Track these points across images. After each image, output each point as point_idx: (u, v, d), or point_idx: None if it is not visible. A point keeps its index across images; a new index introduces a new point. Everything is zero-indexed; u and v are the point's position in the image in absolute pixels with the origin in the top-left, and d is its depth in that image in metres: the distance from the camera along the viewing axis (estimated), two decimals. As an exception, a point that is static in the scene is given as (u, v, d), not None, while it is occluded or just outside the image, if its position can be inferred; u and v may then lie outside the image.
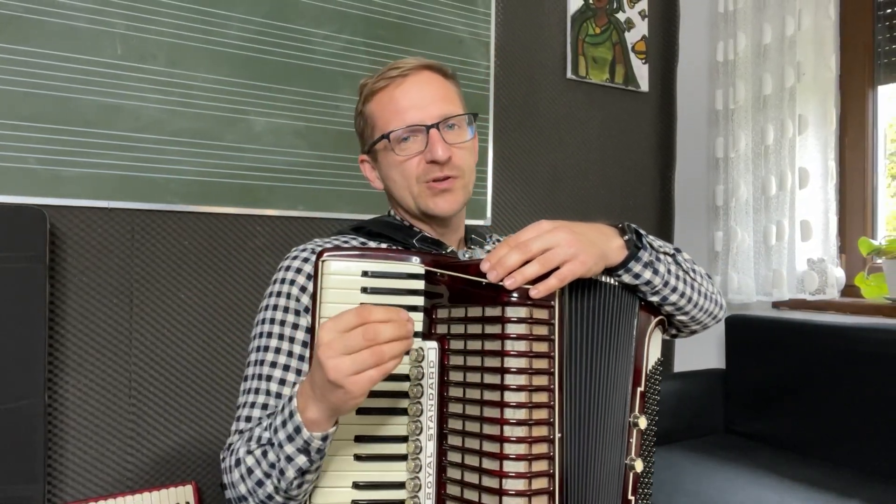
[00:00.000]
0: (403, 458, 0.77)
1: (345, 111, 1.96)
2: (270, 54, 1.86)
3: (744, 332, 2.18)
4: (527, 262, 0.73)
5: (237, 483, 0.80)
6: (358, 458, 0.76)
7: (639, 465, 0.87)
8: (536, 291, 0.72)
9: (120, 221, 1.70)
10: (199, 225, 1.80)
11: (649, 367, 0.91)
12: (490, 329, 0.73)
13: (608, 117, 2.55)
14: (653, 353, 0.92)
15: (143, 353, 1.73)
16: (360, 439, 0.76)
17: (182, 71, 1.75)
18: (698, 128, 2.60)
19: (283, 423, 0.74)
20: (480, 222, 2.22)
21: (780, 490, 1.65)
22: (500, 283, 0.72)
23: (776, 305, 2.28)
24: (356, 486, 0.76)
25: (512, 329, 0.71)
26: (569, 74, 2.44)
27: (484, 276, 0.74)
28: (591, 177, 2.52)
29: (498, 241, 1.13)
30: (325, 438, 0.73)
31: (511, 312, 0.72)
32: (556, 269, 0.74)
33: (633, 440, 0.87)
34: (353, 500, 0.76)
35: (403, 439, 0.77)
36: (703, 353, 2.50)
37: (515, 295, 0.72)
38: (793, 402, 2.01)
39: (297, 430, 0.72)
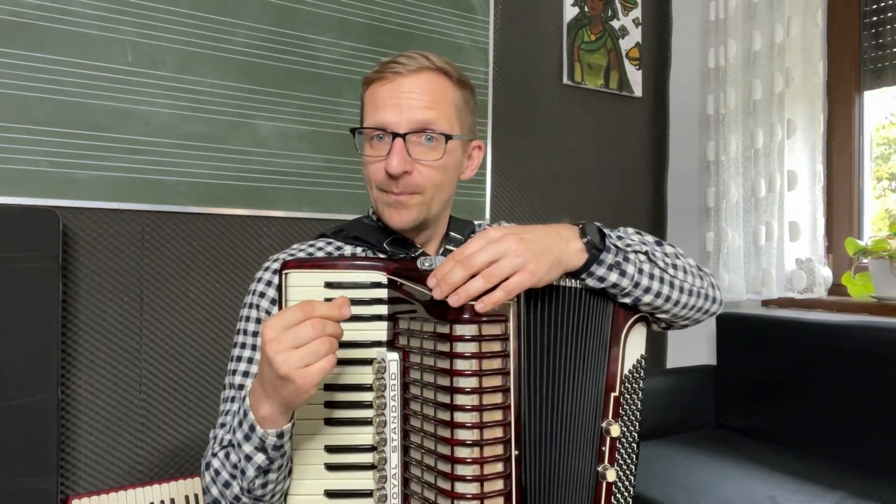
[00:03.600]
0: (372, 467, 0.77)
1: (348, 115, 2.00)
2: (276, 60, 1.90)
3: (734, 329, 2.22)
4: (473, 276, 0.69)
5: (210, 486, 0.82)
6: (329, 467, 0.77)
7: (611, 475, 0.82)
8: (482, 305, 0.68)
9: (130, 222, 1.74)
10: (207, 226, 1.84)
11: (626, 369, 0.85)
12: (441, 346, 0.70)
13: (603, 122, 2.60)
14: (631, 353, 0.86)
15: (153, 349, 1.76)
16: (330, 449, 0.78)
17: (191, 77, 1.78)
18: (690, 132, 2.64)
19: (240, 423, 0.75)
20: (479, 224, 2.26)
21: (768, 482, 1.68)
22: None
23: (765, 304, 2.31)
24: (328, 494, 0.77)
25: (462, 347, 0.68)
26: (565, 80, 2.48)
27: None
28: (586, 179, 2.56)
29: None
30: (280, 435, 0.72)
31: (460, 330, 0.68)
32: (506, 279, 0.70)
33: (606, 448, 0.83)
34: None
35: (371, 449, 0.77)
36: (694, 349, 2.54)
37: (466, 312, 0.69)
38: (782, 397, 2.04)
39: (252, 428, 0.73)
